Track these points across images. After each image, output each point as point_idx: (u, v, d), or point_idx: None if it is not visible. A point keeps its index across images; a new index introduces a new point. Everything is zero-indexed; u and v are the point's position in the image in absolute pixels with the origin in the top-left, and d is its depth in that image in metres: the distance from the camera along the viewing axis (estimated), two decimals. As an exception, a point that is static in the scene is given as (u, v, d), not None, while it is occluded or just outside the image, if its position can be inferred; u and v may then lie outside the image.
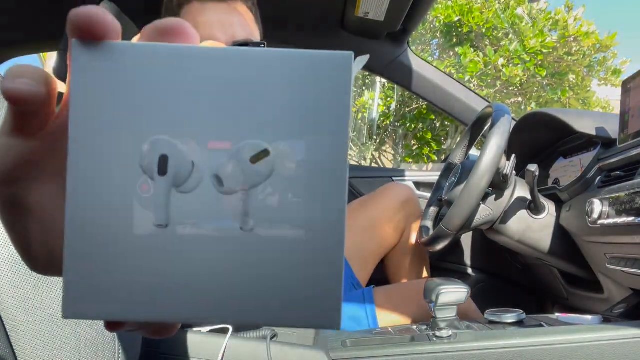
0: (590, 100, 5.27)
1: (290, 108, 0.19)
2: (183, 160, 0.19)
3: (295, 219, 0.19)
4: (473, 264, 1.61)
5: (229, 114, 0.19)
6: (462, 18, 4.73)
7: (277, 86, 0.19)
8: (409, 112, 4.97)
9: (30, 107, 0.19)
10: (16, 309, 0.51)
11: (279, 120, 0.19)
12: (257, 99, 0.19)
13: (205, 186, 0.19)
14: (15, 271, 0.51)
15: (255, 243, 0.19)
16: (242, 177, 0.19)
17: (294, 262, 0.19)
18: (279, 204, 0.19)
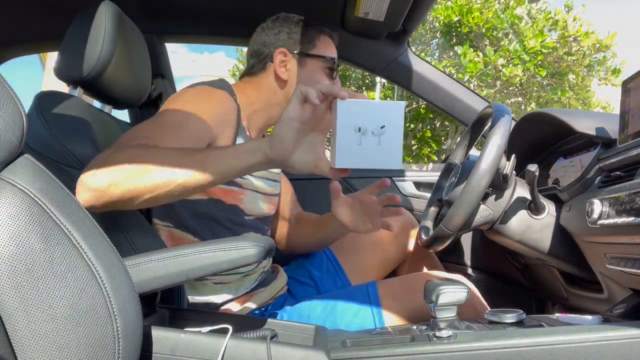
0: (590, 100, 5.27)
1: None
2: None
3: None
4: (473, 264, 1.61)
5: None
6: (461, 18, 4.74)
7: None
8: (409, 112, 4.97)
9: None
10: (16, 309, 0.51)
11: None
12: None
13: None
14: (15, 271, 0.51)
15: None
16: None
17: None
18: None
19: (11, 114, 0.53)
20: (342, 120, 0.69)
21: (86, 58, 1.04)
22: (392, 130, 0.70)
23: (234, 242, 0.74)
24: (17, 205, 0.53)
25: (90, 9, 1.06)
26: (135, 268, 0.71)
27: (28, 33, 1.59)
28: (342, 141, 0.70)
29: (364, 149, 0.70)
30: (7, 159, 0.54)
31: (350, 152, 0.69)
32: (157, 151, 0.79)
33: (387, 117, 0.70)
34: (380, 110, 0.70)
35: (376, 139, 0.70)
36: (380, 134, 0.70)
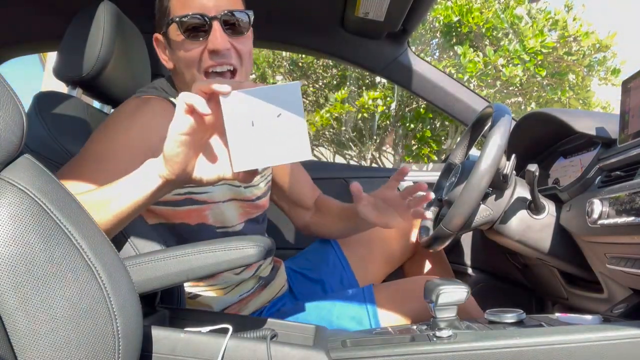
0: (590, 100, 5.27)
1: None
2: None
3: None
4: (473, 264, 1.61)
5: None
6: (461, 18, 4.73)
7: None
8: (409, 112, 4.97)
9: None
10: (16, 309, 0.51)
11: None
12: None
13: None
14: (15, 271, 0.51)
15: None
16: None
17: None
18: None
19: (11, 114, 0.53)
20: (231, 117, 0.61)
21: (85, 58, 1.04)
22: (291, 116, 0.60)
23: (234, 242, 0.74)
24: (17, 205, 0.53)
25: (89, 9, 1.06)
26: (135, 268, 0.71)
27: (28, 33, 1.59)
28: (236, 140, 0.61)
29: (263, 144, 0.61)
30: (7, 159, 0.54)
31: (248, 151, 0.61)
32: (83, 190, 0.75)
33: (282, 103, 0.60)
34: (273, 97, 0.60)
35: (275, 130, 0.60)
36: (278, 123, 0.60)
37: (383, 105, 4.88)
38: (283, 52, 5.37)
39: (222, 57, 0.93)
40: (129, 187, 0.71)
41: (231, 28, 0.94)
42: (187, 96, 0.62)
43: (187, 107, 0.62)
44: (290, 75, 5.97)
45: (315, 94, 5.99)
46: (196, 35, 0.93)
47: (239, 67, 0.96)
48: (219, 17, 0.92)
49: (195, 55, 0.94)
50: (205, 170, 0.68)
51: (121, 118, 0.96)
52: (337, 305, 1.08)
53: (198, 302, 1.08)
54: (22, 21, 1.54)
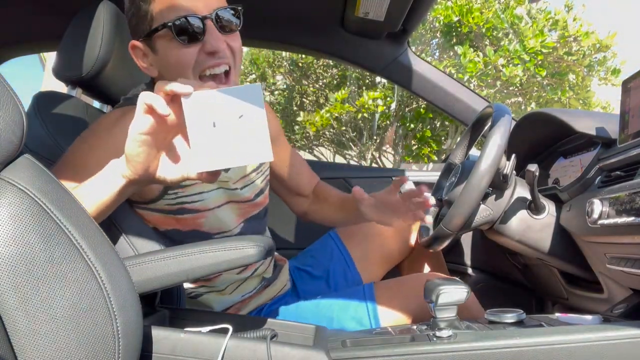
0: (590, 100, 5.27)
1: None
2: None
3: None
4: (473, 264, 1.61)
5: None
6: (461, 18, 4.73)
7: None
8: (409, 112, 4.97)
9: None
10: (16, 309, 0.51)
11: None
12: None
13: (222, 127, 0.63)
14: (16, 271, 0.51)
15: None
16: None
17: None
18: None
19: (11, 114, 0.53)
20: (193, 118, 0.61)
21: (85, 58, 1.04)
22: (252, 117, 0.61)
23: (234, 242, 0.74)
24: (17, 205, 0.53)
25: (89, 9, 1.06)
26: (135, 268, 0.71)
27: (28, 33, 1.59)
28: (198, 141, 0.62)
29: (225, 145, 0.61)
30: (7, 158, 0.54)
31: (210, 152, 0.62)
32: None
33: (243, 105, 0.61)
34: (234, 98, 0.61)
35: (236, 131, 0.61)
36: (239, 124, 0.61)
37: (383, 105, 4.88)
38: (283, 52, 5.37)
39: (220, 57, 0.90)
40: (95, 187, 0.72)
41: (223, 26, 0.90)
42: (146, 96, 0.62)
43: (147, 107, 0.62)
44: (290, 75, 5.97)
45: (315, 94, 5.99)
46: (190, 38, 0.87)
47: (232, 66, 0.93)
48: (211, 17, 0.88)
49: (190, 58, 0.88)
50: (169, 170, 0.68)
51: (99, 132, 0.94)
52: (337, 304, 1.08)
53: (200, 302, 1.08)
54: (22, 21, 1.54)
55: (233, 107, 0.61)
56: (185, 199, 0.99)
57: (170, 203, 0.98)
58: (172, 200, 0.98)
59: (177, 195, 0.98)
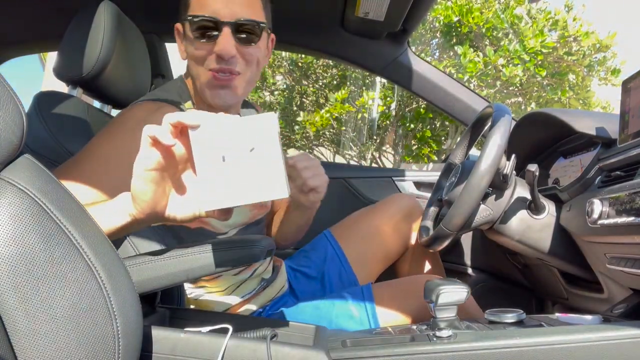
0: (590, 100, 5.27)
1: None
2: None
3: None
4: (473, 263, 1.61)
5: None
6: (461, 18, 4.73)
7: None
8: (409, 112, 4.97)
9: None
10: (16, 309, 0.51)
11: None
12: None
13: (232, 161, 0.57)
14: (15, 271, 0.51)
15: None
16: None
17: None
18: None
19: (11, 114, 0.53)
20: (200, 152, 0.56)
21: (86, 58, 1.04)
22: (265, 150, 0.55)
23: (234, 242, 0.74)
24: (17, 205, 0.53)
25: (89, 8, 1.06)
26: (135, 268, 0.71)
27: (28, 33, 1.59)
28: (206, 177, 0.56)
29: (235, 181, 0.56)
30: (7, 158, 0.54)
31: (220, 189, 0.56)
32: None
33: (255, 136, 0.55)
34: (246, 129, 0.55)
35: (247, 166, 0.55)
36: (250, 158, 0.55)
37: (383, 105, 4.88)
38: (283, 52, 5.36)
39: (227, 63, 0.94)
40: (100, 216, 0.65)
41: (242, 35, 0.95)
42: (149, 128, 0.57)
43: (152, 140, 0.57)
44: (290, 75, 5.97)
45: (315, 94, 5.99)
46: (205, 36, 0.94)
47: (243, 72, 0.98)
48: (230, 24, 0.93)
49: (203, 54, 0.96)
50: (179, 208, 0.62)
51: (130, 123, 0.93)
52: (336, 305, 1.08)
53: (200, 302, 1.08)
54: (22, 21, 1.54)
55: (244, 139, 0.55)
56: None
57: None
58: None
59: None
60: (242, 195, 0.56)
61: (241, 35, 0.95)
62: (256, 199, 0.57)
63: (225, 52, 0.93)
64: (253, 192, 0.56)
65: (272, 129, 0.56)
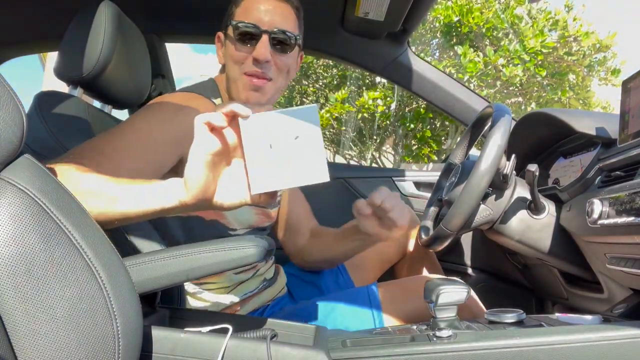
0: (590, 100, 5.27)
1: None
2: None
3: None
4: (473, 264, 1.61)
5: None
6: (461, 18, 4.73)
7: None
8: (409, 112, 4.97)
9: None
10: (16, 309, 0.51)
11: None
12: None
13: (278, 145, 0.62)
14: (16, 271, 0.51)
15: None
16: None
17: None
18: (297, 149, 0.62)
19: (11, 114, 0.53)
20: (249, 140, 0.62)
21: (86, 58, 1.04)
22: (308, 138, 0.62)
23: (234, 242, 0.74)
24: (18, 205, 0.53)
25: (90, 8, 1.06)
26: (135, 268, 0.71)
27: (28, 33, 1.59)
28: (255, 163, 0.62)
29: (281, 167, 0.62)
30: (7, 159, 0.54)
31: (266, 174, 0.62)
32: (85, 178, 0.71)
33: (299, 126, 0.62)
34: (291, 120, 0.62)
35: (292, 152, 0.62)
36: (295, 146, 0.61)
37: (383, 105, 4.88)
38: (283, 52, 5.34)
39: (262, 67, 1.04)
40: (143, 195, 0.67)
41: (277, 44, 1.05)
42: (202, 116, 0.62)
43: (207, 127, 0.62)
44: (291, 75, 5.95)
45: (316, 93, 5.98)
46: (246, 41, 1.04)
47: (275, 79, 1.07)
48: (269, 32, 1.03)
49: (241, 57, 1.04)
50: (226, 196, 0.66)
51: (170, 107, 0.98)
52: (340, 304, 1.08)
53: (201, 299, 1.08)
54: (22, 21, 1.54)
55: (289, 128, 0.61)
56: None
57: None
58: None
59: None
60: (288, 179, 0.62)
61: (277, 44, 1.05)
62: (300, 182, 0.62)
63: (262, 57, 1.02)
64: (297, 177, 0.62)
65: (314, 119, 0.62)
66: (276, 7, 1.05)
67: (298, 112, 0.62)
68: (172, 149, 0.92)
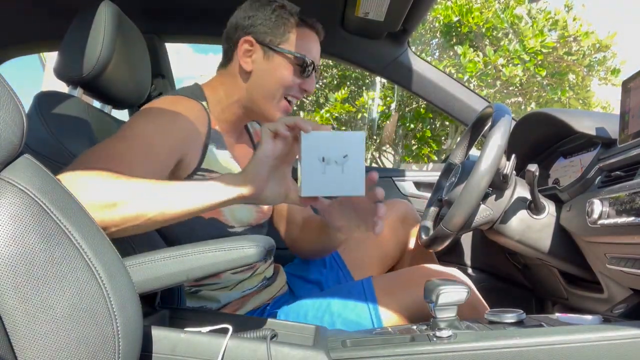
0: (590, 100, 5.27)
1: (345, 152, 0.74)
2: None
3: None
4: (473, 263, 1.61)
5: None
6: (461, 18, 4.73)
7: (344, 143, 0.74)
8: (409, 112, 4.97)
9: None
10: (16, 309, 0.51)
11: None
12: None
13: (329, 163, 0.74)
14: (16, 271, 0.51)
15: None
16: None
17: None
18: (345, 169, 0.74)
19: (11, 114, 0.53)
20: (307, 152, 0.73)
21: (86, 58, 1.04)
22: (354, 158, 0.74)
23: (234, 242, 0.74)
24: (18, 205, 0.53)
25: (90, 9, 1.06)
26: (135, 268, 0.71)
27: (28, 33, 1.59)
28: (308, 171, 0.74)
29: (328, 177, 0.74)
30: (7, 159, 0.54)
31: (315, 181, 0.74)
32: (128, 183, 0.74)
33: (348, 147, 0.74)
34: (342, 141, 0.74)
35: (340, 167, 0.74)
36: (343, 162, 0.74)
37: (383, 105, 4.88)
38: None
39: (305, 95, 1.14)
40: (205, 189, 0.76)
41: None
42: (270, 125, 0.75)
43: (272, 134, 0.74)
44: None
45: (316, 93, 5.99)
46: (303, 72, 1.08)
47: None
48: (317, 67, 1.12)
49: (290, 82, 1.08)
50: (273, 194, 0.79)
51: (167, 111, 1.00)
52: (335, 299, 1.07)
53: (200, 296, 1.08)
54: (22, 21, 1.54)
55: (339, 147, 0.74)
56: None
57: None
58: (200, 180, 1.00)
59: (204, 178, 1.01)
60: (332, 189, 0.75)
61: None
62: (341, 193, 0.76)
63: (311, 91, 1.13)
64: (340, 188, 0.75)
65: (361, 144, 0.75)
66: (317, 42, 1.14)
67: (348, 135, 0.74)
68: (173, 153, 0.94)
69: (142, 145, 0.89)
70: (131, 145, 0.88)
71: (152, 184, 0.76)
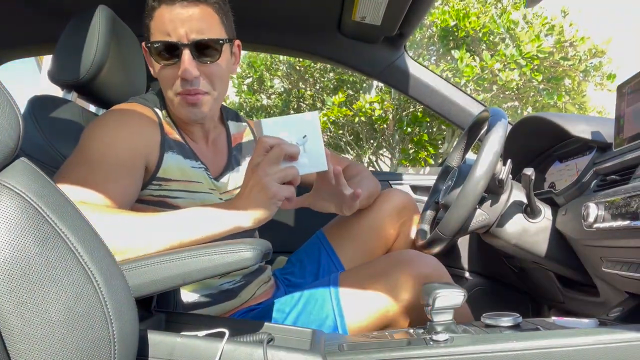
0: (586, 104, 5.30)
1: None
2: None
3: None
4: (470, 267, 1.61)
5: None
6: (458, 23, 4.75)
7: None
8: (406, 116, 4.98)
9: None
10: (11, 313, 0.51)
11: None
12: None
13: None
14: (11, 275, 0.51)
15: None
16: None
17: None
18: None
19: (7, 117, 0.53)
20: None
21: (81, 62, 1.04)
22: (312, 137, 0.81)
23: (231, 246, 0.74)
24: (13, 208, 0.52)
25: (85, 13, 1.06)
26: (131, 271, 0.71)
27: (24, 36, 1.59)
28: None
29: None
30: (3, 162, 0.54)
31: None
32: (134, 222, 0.79)
33: (306, 128, 0.81)
34: (299, 123, 0.81)
35: (302, 148, 0.81)
36: (303, 142, 0.81)
37: (380, 109, 4.89)
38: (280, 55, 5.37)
39: (192, 84, 0.96)
40: (215, 220, 0.83)
41: (202, 55, 0.95)
42: (264, 140, 0.80)
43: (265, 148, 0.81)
44: (288, 79, 5.97)
45: (313, 97, 5.99)
46: (168, 59, 0.95)
47: (210, 92, 0.99)
48: (189, 45, 0.94)
49: (169, 78, 0.97)
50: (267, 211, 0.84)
51: (132, 119, 0.98)
52: (307, 298, 1.06)
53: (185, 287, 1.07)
54: (20, 24, 1.54)
55: (298, 129, 0.80)
56: (167, 192, 1.00)
57: (153, 194, 0.99)
58: (154, 192, 0.99)
59: (160, 187, 0.99)
60: (299, 169, 0.80)
61: (201, 56, 0.95)
62: (307, 170, 0.82)
63: (188, 76, 0.94)
64: (304, 166, 0.81)
65: (316, 122, 0.81)
66: (192, 13, 0.93)
67: (304, 116, 0.80)
68: (141, 159, 0.94)
69: (114, 156, 0.89)
70: (96, 167, 0.87)
71: (159, 221, 0.81)
